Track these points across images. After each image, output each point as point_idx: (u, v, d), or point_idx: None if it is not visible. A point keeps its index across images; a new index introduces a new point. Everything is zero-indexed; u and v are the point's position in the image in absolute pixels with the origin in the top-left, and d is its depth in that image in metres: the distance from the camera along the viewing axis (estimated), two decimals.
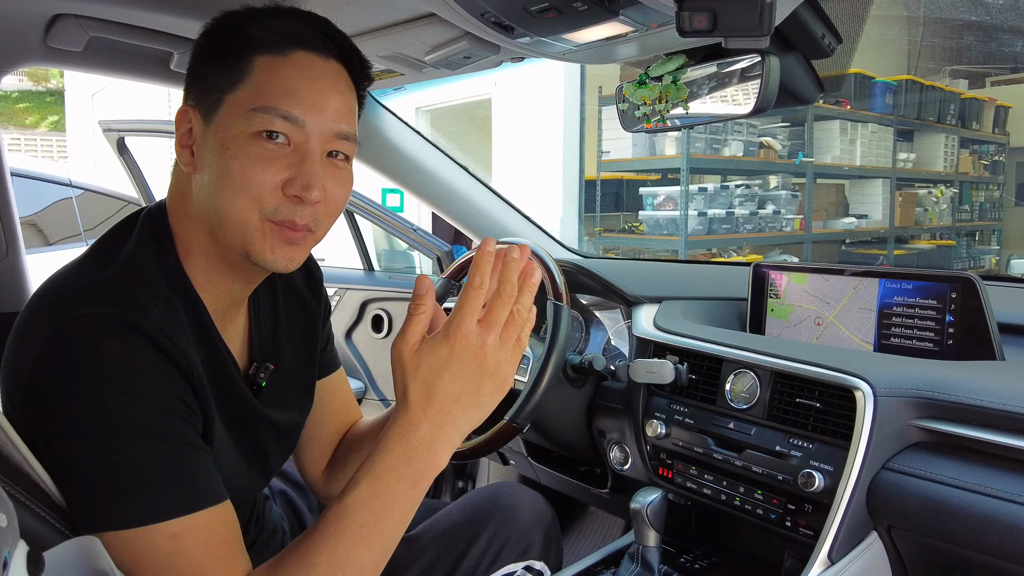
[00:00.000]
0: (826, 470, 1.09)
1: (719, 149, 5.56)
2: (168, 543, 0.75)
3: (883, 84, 6.32)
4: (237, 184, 0.81)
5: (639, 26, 1.03)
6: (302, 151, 0.83)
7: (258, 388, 0.96)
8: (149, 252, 0.86)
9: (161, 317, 0.79)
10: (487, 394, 0.79)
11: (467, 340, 0.77)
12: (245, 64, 0.83)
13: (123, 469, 0.74)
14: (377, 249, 3.25)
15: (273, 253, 0.84)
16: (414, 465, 0.78)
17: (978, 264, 7.37)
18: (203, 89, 0.85)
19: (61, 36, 1.31)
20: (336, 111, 0.85)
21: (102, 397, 0.74)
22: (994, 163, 7.63)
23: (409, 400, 0.78)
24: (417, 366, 0.78)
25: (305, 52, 0.84)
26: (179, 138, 0.87)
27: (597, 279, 1.67)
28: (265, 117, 0.81)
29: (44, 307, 0.81)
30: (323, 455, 1.17)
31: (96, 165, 8.69)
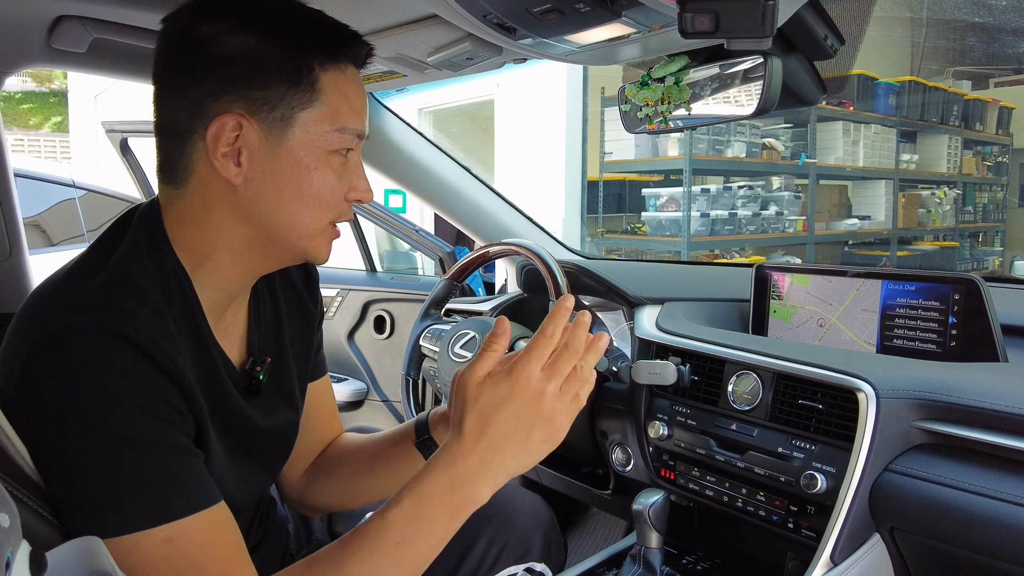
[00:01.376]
0: (828, 472, 1.09)
1: (722, 150, 5.55)
2: (163, 548, 0.75)
3: (886, 85, 6.31)
4: (318, 196, 0.86)
5: (641, 27, 1.03)
6: (355, 159, 0.90)
7: (256, 383, 0.96)
8: (142, 256, 0.84)
9: (146, 323, 0.78)
10: (537, 441, 0.80)
11: (528, 383, 0.79)
12: (312, 80, 0.83)
13: (112, 476, 0.74)
14: (379, 250, 3.26)
15: (325, 249, 0.91)
16: (457, 494, 0.79)
17: (981, 265, 7.35)
18: (263, 100, 0.81)
19: (64, 37, 1.32)
20: None
21: (87, 406, 0.74)
22: (997, 164, 7.61)
23: (464, 429, 0.79)
24: (478, 398, 0.80)
25: (351, 66, 0.88)
26: (221, 146, 0.82)
27: (599, 280, 1.67)
28: (347, 137, 0.86)
29: (32, 314, 0.81)
30: (301, 459, 1.16)
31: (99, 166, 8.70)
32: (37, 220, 3.97)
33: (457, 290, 1.81)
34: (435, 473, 0.79)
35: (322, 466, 1.17)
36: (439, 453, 0.81)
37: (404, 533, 0.78)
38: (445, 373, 1.61)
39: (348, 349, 2.50)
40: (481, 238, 2.08)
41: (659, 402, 1.38)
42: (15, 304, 1.79)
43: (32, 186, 3.87)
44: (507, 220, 2.08)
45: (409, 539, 0.78)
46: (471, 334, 1.60)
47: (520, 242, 1.66)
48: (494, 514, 1.17)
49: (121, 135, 2.55)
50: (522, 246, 1.63)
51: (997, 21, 6.32)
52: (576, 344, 0.82)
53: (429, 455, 1.08)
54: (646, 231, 5.76)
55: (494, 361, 0.82)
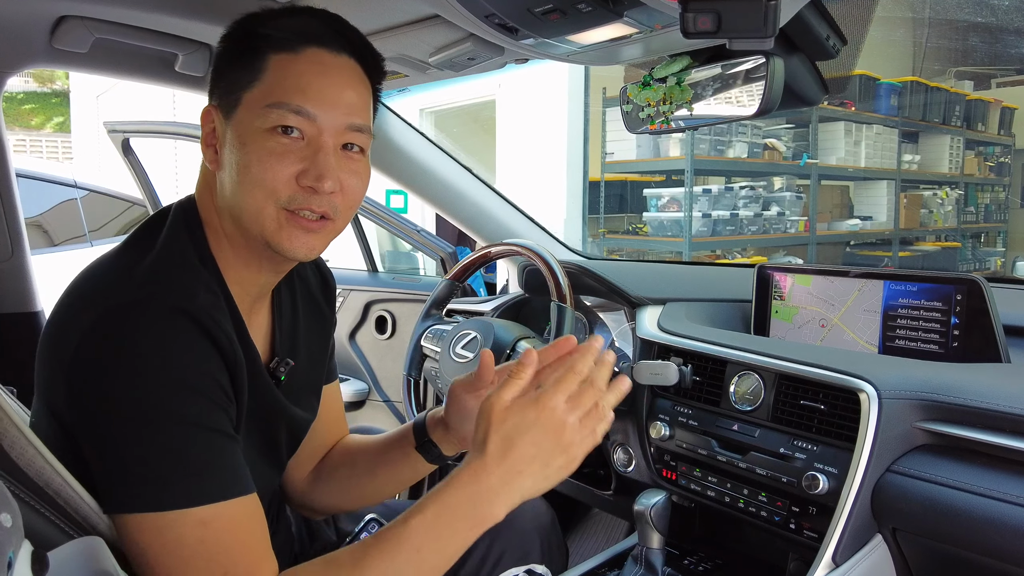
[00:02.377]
0: (830, 472, 1.08)
1: (723, 150, 5.54)
2: (197, 530, 0.76)
3: (888, 85, 6.30)
4: (255, 177, 0.85)
5: (643, 27, 1.03)
6: (315, 144, 0.86)
7: (277, 382, 0.98)
8: (184, 240, 0.88)
9: (206, 301, 0.82)
10: (555, 467, 0.83)
11: (553, 413, 0.82)
12: (260, 63, 0.86)
13: (159, 452, 0.76)
14: (381, 250, 3.26)
15: (291, 242, 0.87)
16: (478, 509, 0.82)
17: (983, 266, 7.34)
18: (224, 89, 0.89)
19: (67, 38, 1.32)
20: (348, 105, 0.88)
21: (146, 380, 0.76)
22: (1000, 164, 7.59)
23: (488, 449, 0.82)
24: (503, 421, 0.82)
25: (317, 49, 0.87)
26: (204, 137, 0.91)
27: (601, 280, 1.67)
28: (279, 112, 0.84)
29: (85, 295, 0.83)
30: (308, 461, 1.19)
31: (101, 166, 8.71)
32: (39, 220, 3.97)
33: (458, 290, 1.80)
34: (458, 487, 0.82)
35: (324, 467, 1.19)
36: (463, 468, 0.83)
37: (425, 540, 0.81)
38: (446, 373, 1.61)
39: (349, 349, 2.50)
40: (482, 238, 2.08)
41: (661, 403, 1.38)
42: (18, 304, 1.80)
43: (34, 186, 3.88)
44: (508, 220, 2.08)
45: (429, 546, 0.81)
46: (472, 334, 1.60)
47: (521, 242, 1.66)
48: None
49: (123, 135, 2.55)
50: (523, 246, 1.63)
51: (1000, 21, 6.31)
52: (600, 383, 0.86)
53: (429, 456, 1.10)
54: (648, 231, 5.75)
55: (520, 388, 0.85)
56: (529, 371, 0.86)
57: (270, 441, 0.98)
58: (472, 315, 1.90)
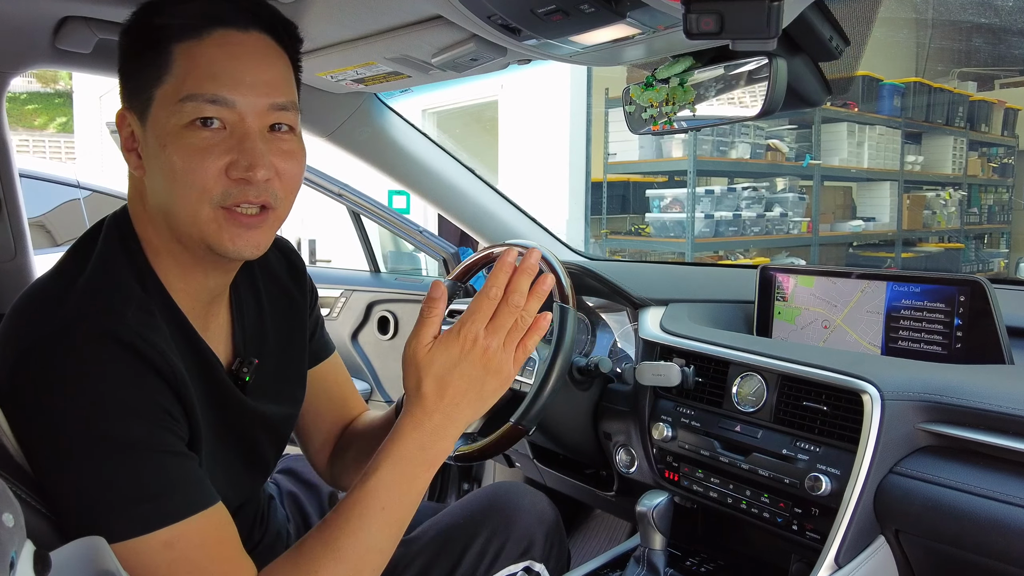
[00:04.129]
0: (833, 474, 1.08)
1: (726, 151, 5.54)
2: (164, 552, 0.75)
3: (891, 86, 6.30)
4: (181, 179, 0.80)
5: (646, 28, 1.03)
6: (239, 132, 0.81)
7: (243, 383, 0.95)
8: (117, 256, 0.85)
9: (137, 320, 0.78)
10: (489, 391, 0.86)
11: (475, 343, 0.84)
12: (165, 55, 0.80)
13: (108, 481, 0.74)
14: (383, 251, 3.26)
15: (234, 242, 0.83)
16: (428, 450, 0.85)
17: (987, 267, 7.33)
18: (133, 89, 0.83)
19: (70, 38, 1.32)
20: (266, 83, 0.83)
21: (82, 409, 0.74)
22: (1003, 166, 7.58)
23: (423, 393, 0.84)
24: (431, 363, 0.84)
25: (223, 29, 0.81)
26: (124, 142, 0.85)
27: (603, 281, 1.66)
28: (194, 105, 0.79)
29: (18, 321, 0.80)
30: (326, 443, 1.18)
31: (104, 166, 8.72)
32: (42, 220, 3.98)
33: (460, 291, 1.80)
34: (404, 437, 0.84)
35: (343, 446, 1.19)
36: (403, 417, 0.85)
37: (389, 497, 0.83)
38: None
39: (352, 350, 2.50)
40: (485, 239, 2.08)
41: (663, 404, 1.38)
42: None
43: (37, 186, 3.88)
44: (511, 221, 2.08)
45: (394, 502, 0.83)
46: None
47: (524, 243, 1.65)
48: (494, 512, 1.17)
49: None
50: (525, 247, 1.63)
51: (1003, 22, 6.30)
52: (515, 299, 0.85)
53: None
54: (650, 232, 5.75)
55: (436, 326, 0.85)
56: (440, 305, 0.85)
57: (247, 445, 0.96)
58: None
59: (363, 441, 1.15)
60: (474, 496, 1.23)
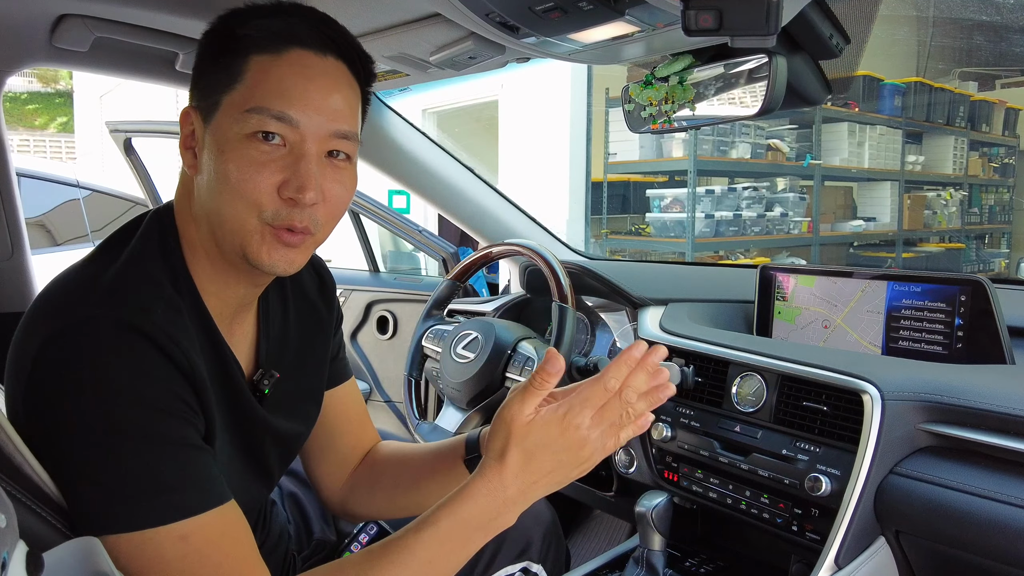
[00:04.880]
0: (833, 474, 1.08)
1: (726, 151, 5.54)
2: (177, 545, 0.75)
3: (892, 86, 6.30)
4: (234, 188, 0.81)
5: (645, 26, 1.02)
6: (297, 152, 0.82)
7: (261, 395, 0.95)
8: (153, 251, 0.85)
9: (164, 318, 0.79)
10: (572, 476, 0.84)
11: (577, 431, 0.81)
12: (241, 64, 0.82)
13: (127, 472, 0.74)
14: (383, 250, 3.26)
15: (271, 256, 0.83)
16: (493, 520, 0.82)
17: (988, 267, 7.32)
18: (203, 91, 0.85)
19: (67, 36, 1.32)
20: (333, 110, 0.83)
21: (103, 401, 0.74)
22: (1004, 166, 7.58)
23: (507, 463, 0.81)
24: (525, 436, 0.81)
25: (301, 50, 0.82)
26: (183, 140, 0.87)
27: (603, 281, 1.66)
28: (259, 118, 0.80)
29: (45, 308, 0.80)
30: (340, 468, 1.15)
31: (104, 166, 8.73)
32: (42, 220, 3.98)
33: (460, 290, 1.80)
34: (473, 499, 0.81)
35: (364, 476, 1.15)
36: (478, 479, 0.82)
37: (438, 552, 0.81)
38: (448, 374, 1.60)
39: (351, 349, 2.49)
40: (484, 238, 2.08)
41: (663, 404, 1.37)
42: (17, 303, 1.79)
43: (37, 186, 3.88)
44: (510, 221, 2.07)
45: (441, 558, 0.81)
46: (473, 335, 1.59)
47: (523, 242, 1.65)
48: None
49: (125, 135, 2.55)
50: (525, 246, 1.63)
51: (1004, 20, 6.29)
52: (629, 395, 0.82)
53: None
54: (650, 232, 5.75)
55: (542, 398, 0.82)
56: (554, 380, 0.82)
57: (255, 455, 0.96)
58: (473, 315, 1.89)
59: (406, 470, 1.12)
60: None
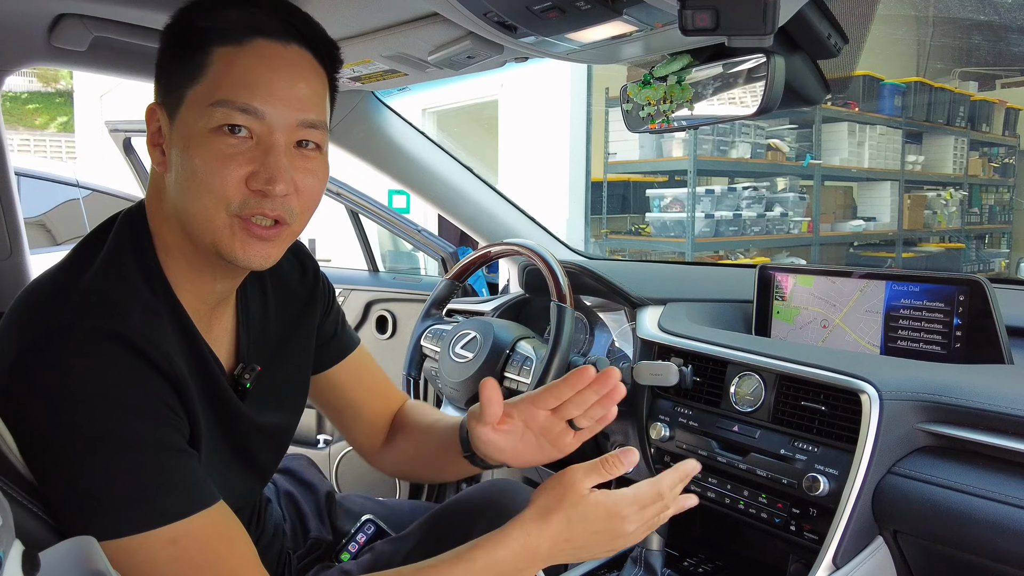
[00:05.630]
0: (831, 474, 1.08)
1: (726, 151, 5.54)
2: (167, 549, 0.75)
3: (892, 86, 6.30)
4: (201, 182, 0.80)
5: (643, 25, 1.02)
6: (265, 144, 0.81)
7: (243, 390, 0.94)
8: (127, 253, 0.84)
9: (142, 322, 0.78)
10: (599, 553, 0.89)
11: (622, 520, 0.87)
12: (203, 57, 0.81)
13: (109, 478, 0.73)
14: (382, 250, 3.26)
15: (245, 251, 0.83)
16: (520, 570, 0.86)
17: (988, 267, 7.32)
18: (167, 86, 0.84)
19: (65, 36, 1.31)
20: (300, 99, 0.82)
21: (83, 409, 0.73)
22: (1004, 166, 7.58)
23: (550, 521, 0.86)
24: (575, 505, 0.86)
25: (264, 40, 0.81)
26: (150, 137, 0.86)
27: (601, 281, 1.66)
28: (224, 111, 0.79)
29: (21, 317, 0.79)
30: (372, 432, 1.19)
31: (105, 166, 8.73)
32: (42, 220, 3.98)
33: (459, 290, 1.80)
34: (510, 546, 0.85)
35: (394, 435, 1.20)
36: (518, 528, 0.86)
37: None
38: (446, 373, 1.60)
39: None
40: (483, 238, 2.08)
41: (661, 403, 1.37)
42: None
43: (37, 186, 3.88)
44: (509, 220, 2.07)
45: None
46: (472, 334, 1.59)
47: (521, 242, 1.65)
48: (487, 508, 1.16)
49: (124, 134, 2.54)
50: (523, 246, 1.62)
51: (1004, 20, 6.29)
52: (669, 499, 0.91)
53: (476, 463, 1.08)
54: (650, 232, 5.75)
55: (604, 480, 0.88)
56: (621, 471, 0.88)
57: (243, 451, 0.95)
58: (472, 315, 1.89)
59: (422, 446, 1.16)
60: (469, 493, 1.22)
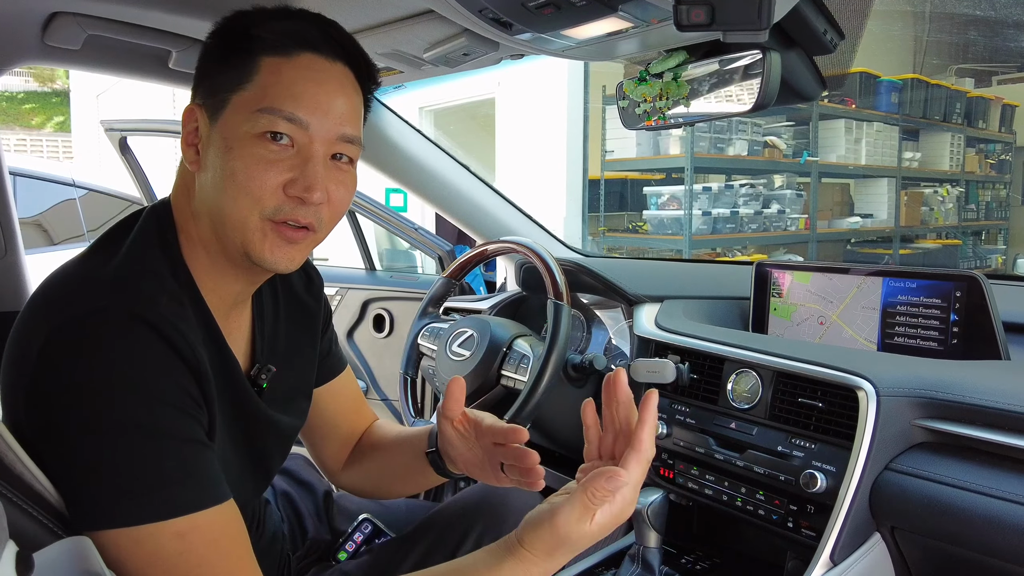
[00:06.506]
0: (828, 471, 1.08)
1: (723, 148, 5.54)
2: (175, 542, 0.74)
3: (888, 83, 6.30)
4: (240, 184, 0.82)
5: (639, 22, 1.02)
6: (305, 153, 0.84)
7: (259, 389, 0.96)
8: (152, 245, 0.86)
9: (169, 309, 0.79)
10: None
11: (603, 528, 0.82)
12: (251, 65, 0.84)
13: (129, 465, 0.74)
14: (379, 248, 3.25)
15: (272, 253, 0.85)
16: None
17: (984, 263, 7.33)
18: (210, 89, 0.86)
19: (59, 34, 1.31)
20: (340, 114, 0.86)
21: (110, 392, 0.74)
22: (1001, 162, 7.59)
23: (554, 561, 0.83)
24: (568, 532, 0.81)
25: (311, 54, 0.85)
26: (185, 136, 0.88)
27: (598, 278, 1.66)
28: (270, 118, 0.82)
29: (46, 303, 0.80)
30: (341, 450, 1.21)
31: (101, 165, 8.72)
32: (39, 220, 3.97)
33: (456, 288, 1.80)
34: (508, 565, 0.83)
35: (356, 455, 1.21)
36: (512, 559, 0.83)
37: None
38: (443, 371, 1.60)
39: (347, 348, 2.49)
40: (480, 236, 2.07)
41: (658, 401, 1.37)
42: (11, 303, 1.79)
43: (33, 186, 3.87)
44: (506, 218, 2.07)
45: None
46: (469, 332, 1.59)
47: (518, 240, 1.65)
48: (486, 508, 1.17)
49: (120, 134, 2.54)
50: (520, 244, 1.62)
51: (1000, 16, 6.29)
52: None
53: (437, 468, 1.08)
54: (648, 229, 5.75)
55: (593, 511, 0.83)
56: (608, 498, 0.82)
57: (256, 450, 0.96)
58: (469, 313, 1.89)
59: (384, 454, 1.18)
60: (467, 493, 1.23)
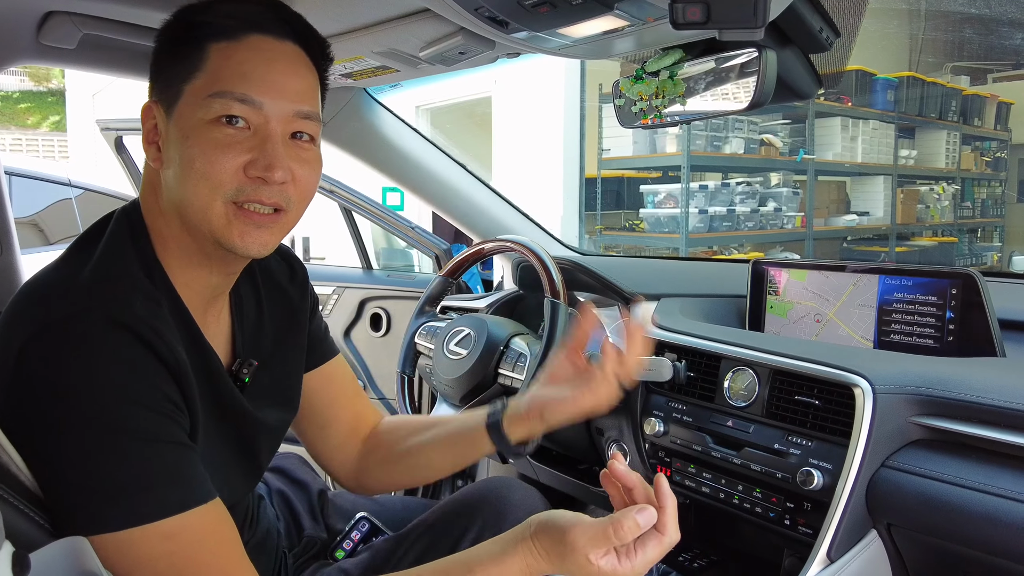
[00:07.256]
0: (825, 468, 1.08)
1: (720, 146, 5.54)
2: (163, 544, 0.74)
3: (884, 81, 6.31)
4: (199, 171, 0.81)
5: (635, 20, 1.02)
6: (262, 133, 0.83)
7: (242, 385, 0.95)
8: (125, 247, 0.85)
9: (145, 311, 0.79)
10: None
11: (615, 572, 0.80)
12: (200, 53, 0.83)
13: (113, 469, 0.73)
14: (376, 248, 3.25)
15: (243, 239, 0.84)
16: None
17: (980, 261, 7.35)
18: (164, 83, 0.85)
19: (54, 33, 1.31)
20: (295, 91, 0.85)
21: (89, 397, 0.73)
22: (996, 160, 7.61)
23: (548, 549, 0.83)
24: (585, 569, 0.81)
25: (259, 35, 0.84)
26: (145, 135, 0.87)
27: (595, 276, 1.66)
28: (222, 102, 0.81)
29: (24, 309, 0.80)
30: (346, 443, 1.17)
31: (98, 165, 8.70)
32: (35, 219, 3.96)
33: (452, 287, 1.80)
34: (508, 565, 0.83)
35: (377, 450, 1.17)
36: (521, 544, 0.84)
37: None
38: (440, 370, 1.60)
39: (344, 347, 2.49)
40: (477, 235, 2.07)
41: (655, 399, 1.37)
42: (7, 302, 1.78)
43: (29, 185, 3.86)
44: (503, 217, 2.07)
45: None
46: (466, 331, 1.59)
47: (515, 238, 1.65)
48: (485, 506, 1.16)
49: (116, 133, 2.53)
50: (517, 242, 1.62)
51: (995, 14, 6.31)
52: None
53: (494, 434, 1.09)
54: (644, 228, 5.75)
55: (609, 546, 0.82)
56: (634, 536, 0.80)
57: (242, 446, 0.96)
58: (466, 312, 1.89)
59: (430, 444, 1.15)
60: (466, 491, 1.22)
